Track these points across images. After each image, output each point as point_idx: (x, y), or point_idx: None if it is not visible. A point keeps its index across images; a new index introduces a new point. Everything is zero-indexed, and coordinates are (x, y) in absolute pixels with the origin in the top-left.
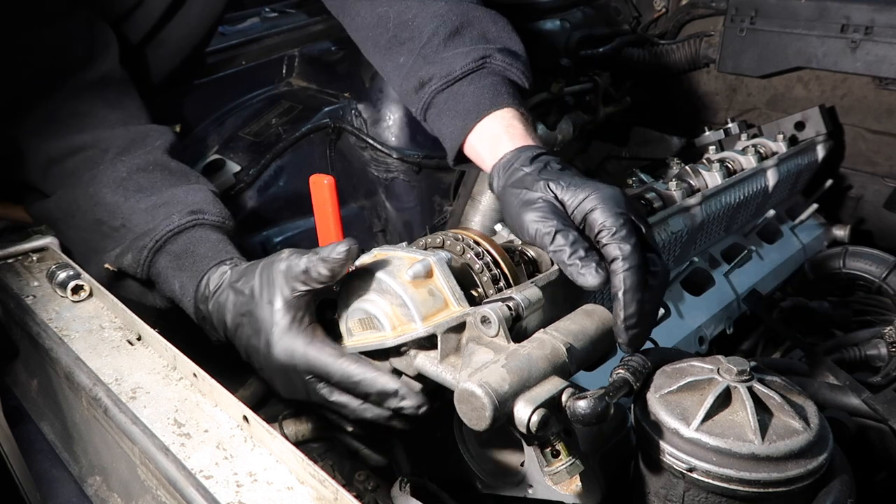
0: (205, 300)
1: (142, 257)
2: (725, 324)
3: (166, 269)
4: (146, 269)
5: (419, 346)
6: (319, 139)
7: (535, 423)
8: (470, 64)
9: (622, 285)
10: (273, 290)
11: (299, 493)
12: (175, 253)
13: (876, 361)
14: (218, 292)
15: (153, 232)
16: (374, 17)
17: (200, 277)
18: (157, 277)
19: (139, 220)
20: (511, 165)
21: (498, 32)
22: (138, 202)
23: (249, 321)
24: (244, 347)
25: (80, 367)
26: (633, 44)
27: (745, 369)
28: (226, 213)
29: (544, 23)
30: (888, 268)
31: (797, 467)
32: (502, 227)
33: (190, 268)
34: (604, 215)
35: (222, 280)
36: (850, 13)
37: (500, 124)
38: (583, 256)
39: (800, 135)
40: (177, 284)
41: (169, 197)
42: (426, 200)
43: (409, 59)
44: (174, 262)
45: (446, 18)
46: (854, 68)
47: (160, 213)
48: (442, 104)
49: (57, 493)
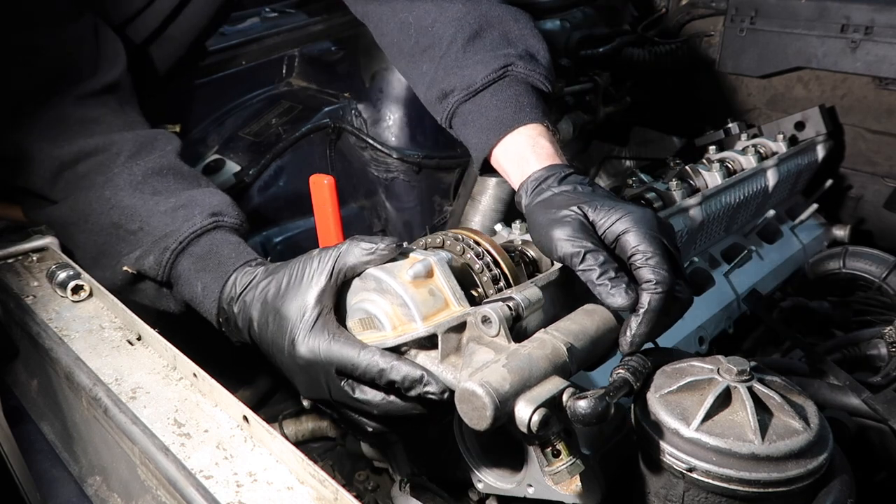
0: (230, 301)
1: (164, 259)
2: (725, 324)
3: (188, 271)
4: (168, 270)
5: (420, 346)
6: (319, 139)
7: (535, 422)
8: (491, 74)
9: (647, 305)
10: (302, 288)
11: (299, 493)
12: (198, 255)
13: (876, 361)
14: (245, 291)
15: (176, 233)
16: (396, 23)
17: (227, 278)
18: (177, 279)
19: (158, 222)
20: (539, 184)
21: (520, 31)
22: (157, 204)
23: (275, 319)
24: (268, 346)
25: (80, 367)
26: (633, 44)
27: (745, 369)
28: (243, 216)
29: (544, 23)
30: (888, 268)
31: (797, 467)
32: (502, 227)
33: (214, 269)
34: (637, 238)
35: (251, 279)
36: (850, 13)
37: (525, 143)
38: (613, 277)
39: (800, 135)
40: (199, 286)
41: (187, 199)
42: (426, 200)
43: (431, 68)
44: (197, 264)
45: (464, 22)
46: (854, 68)
47: (180, 216)
48: (466, 115)
49: (57, 493)
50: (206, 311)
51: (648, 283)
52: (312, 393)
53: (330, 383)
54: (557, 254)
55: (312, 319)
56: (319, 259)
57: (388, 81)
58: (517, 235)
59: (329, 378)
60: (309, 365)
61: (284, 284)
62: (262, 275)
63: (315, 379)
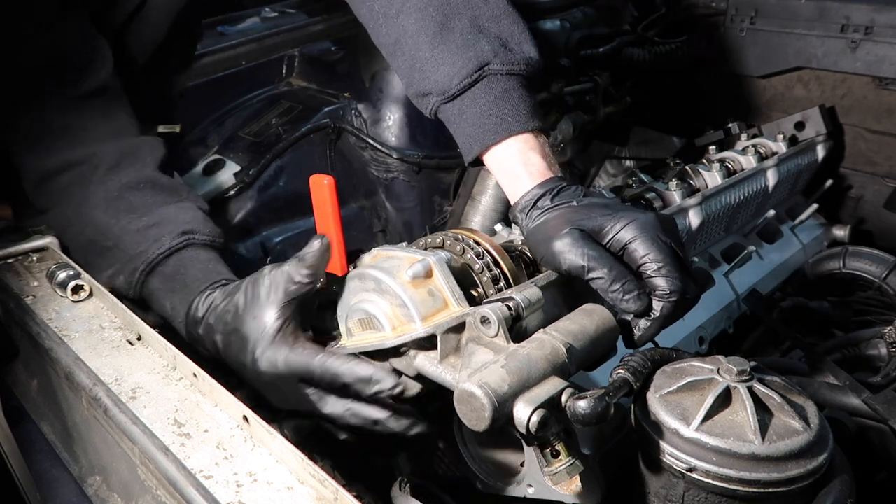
0: (195, 324)
1: (134, 279)
2: (725, 324)
3: (158, 291)
4: (139, 290)
5: (419, 347)
6: (319, 139)
7: (534, 423)
8: (465, 79)
9: (660, 312)
10: (258, 305)
11: (299, 493)
12: (166, 274)
13: (876, 361)
14: (206, 315)
15: (145, 255)
16: (366, 10)
17: (191, 302)
18: (149, 297)
19: (130, 241)
20: (534, 205)
21: (491, 12)
22: (129, 223)
23: (237, 339)
24: (235, 365)
25: (80, 367)
26: (633, 44)
27: (745, 369)
28: (216, 230)
29: (544, 23)
30: (888, 268)
31: (797, 467)
32: (502, 227)
33: (181, 290)
34: (646, 247)
35: (210, 304)
36: (850, 13)
37: (515, 158)
38: (624, 283)
39: (800, 135)
40: (168, 306)
41: (159, 217)
42: (426, 200)
43: (405, 63)
44: (166, 284)
45: (426, 13)
46: (854, 68)
47: (151, 235)
48: (449, 115)
49: (57, 493)
50: (177, 329)
51: (662, 292)
52: (285, 405)
53: (297, 393)
54: (564, 267)
55: (271, 334)
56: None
57: (388, 81)
58: (517, 235)
59: (294, 389)
60: (273, 378)
61: (241, 304)
62: (220, 297)
63: (281, 391)
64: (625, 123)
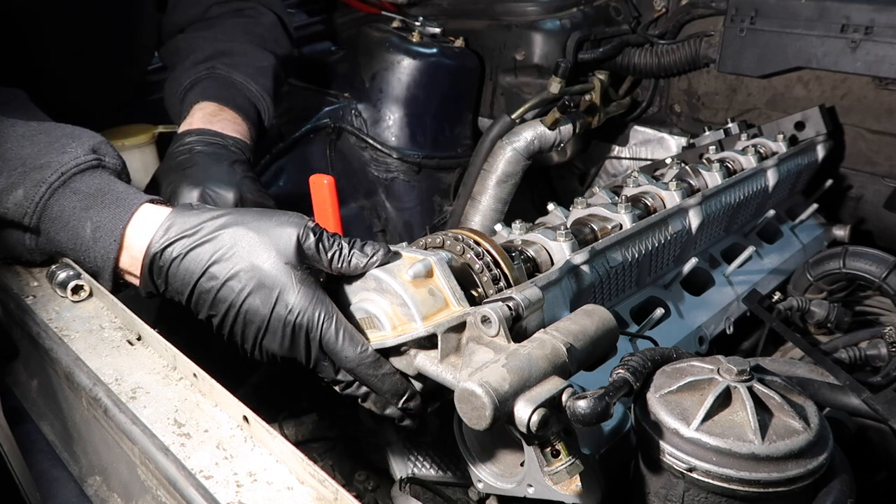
0: (169, 242)
1: (38, 193)
2: (725, 324)
3: (71, 210)
4: (41, 209)
5: (419, 346)
6: (319, 139)
7: (535, 422)
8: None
9: None
10: (283, 250)
11: (299, 493)
12: (85, 192)
13: (876, 361)
14: (183, 237)
15: (55, 164)
16: None
17: (131, 214)
18: (52, 221)
19: (26, 151)
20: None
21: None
22: (17, 128)
23: (250, 275)
24: (230, 304)
25: (80, 367)
26: (633, 44)
27: (745, 369)
28: (122, 160)
29: (544, 23)
30: (888, 268)
31: (797, 467)
32: (502, 227)
33: (112, 204)
34: None
35: (200, 220)
36: (850, 13)
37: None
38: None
39: (800, 135)
40: (89, 227)
41: (60, 131)
42: (426, 200)
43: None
44: (86, 202)
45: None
46: (854, 68)
47: (55, 146)
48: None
49: (57, 493)
50: (90, 258)
51: None
52: (272, 345)
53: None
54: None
55: (304, 274)
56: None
57: (388, 81)
58: (517, 235)
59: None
60: (299, 327)
61: (257, 241)
62: (215, 214)
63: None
64: (625, 123)
